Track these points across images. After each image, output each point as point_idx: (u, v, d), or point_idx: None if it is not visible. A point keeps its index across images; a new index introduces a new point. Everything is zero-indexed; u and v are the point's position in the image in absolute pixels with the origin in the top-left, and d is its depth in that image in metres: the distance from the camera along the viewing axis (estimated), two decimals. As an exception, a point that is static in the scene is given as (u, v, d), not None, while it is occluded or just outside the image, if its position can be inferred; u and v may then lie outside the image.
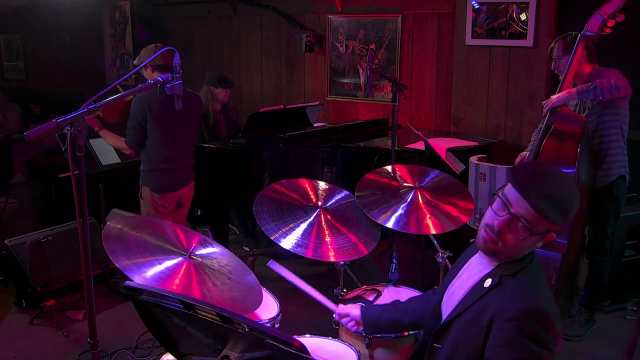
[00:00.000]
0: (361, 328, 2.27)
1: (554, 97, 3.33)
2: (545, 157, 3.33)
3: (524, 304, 1.59)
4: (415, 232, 2.70)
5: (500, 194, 1.67)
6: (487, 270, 1.75)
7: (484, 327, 1.64)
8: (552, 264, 3.29)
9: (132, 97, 3.56)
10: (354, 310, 2.27)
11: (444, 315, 1.86)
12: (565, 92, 3.29)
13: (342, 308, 2.33)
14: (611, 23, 3.19)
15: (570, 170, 3.25)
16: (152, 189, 3.71)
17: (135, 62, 3.72)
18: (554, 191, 1.61)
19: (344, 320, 2.31)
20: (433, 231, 2.71)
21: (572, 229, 3.34)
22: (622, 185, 3.52)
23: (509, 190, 1.65)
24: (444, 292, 1.94)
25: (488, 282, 1.70)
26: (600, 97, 3.21)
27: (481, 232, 1.70)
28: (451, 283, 1.93)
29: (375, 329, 2.22)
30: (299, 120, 5.02)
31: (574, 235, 3.40)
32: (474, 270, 1.83)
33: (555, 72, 3.55)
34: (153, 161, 3.66)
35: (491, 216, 1.68)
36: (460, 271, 1.92)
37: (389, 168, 3.12)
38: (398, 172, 3.07)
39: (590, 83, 3.22)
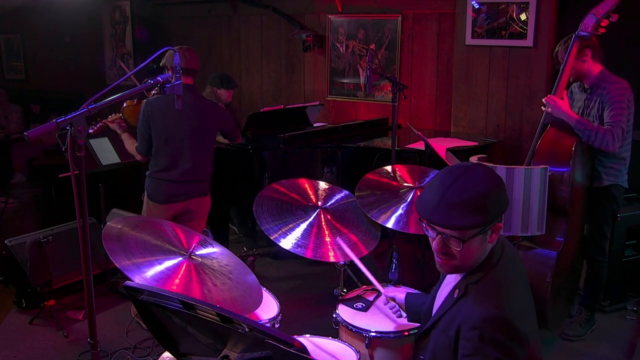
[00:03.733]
0: (404, 314, 2.31)
1: (555, 103, 3.32)
2: (540, 157, 3.34)
3: (483, 312, 1.60)
4: (415, 232, 2.70)
5: (422, 223, 1.72)
6: (457, 281, 1.78)
7: (452, 337, 1.67)
8: (547, 262, 3.30)
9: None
10: (399, 294, 2.31)
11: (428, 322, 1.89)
12: (568, 112, 3.31)
13: (389, 290, 2.36)
14: (605, 23, 3.21)
15: (564, 170, 3.26)
16: (147, 195, 3.61)
17: (165, 62, 3.52)
18: (456, 199, 1.61)
19: (389, 304, 2.35)
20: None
21: (569, 228, 3.35)
22: (619, 188, 3.53)
23: None
24: (436, 294, 1.95)
25: (456, 293, 1.74)
26: (590, 143, 3.28)
27: (435, 260, 1.76)
28: (440, 288, 1.94)
29: (417, 317, 2.20)
30: (299, 120, 5.02)
31: (572, 234, 3.40)
32: (450, 279, 1.87)
33: None
34: (152, 168, 3.55)
35: (431, 242, 1.74)
36: (445, 277, 1.94)
37: (389, 168, 3.12)
38: (398, 172, 3.07)
39: (591, 125, 3.27)
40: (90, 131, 3.64)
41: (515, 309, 1.63)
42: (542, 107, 3.44)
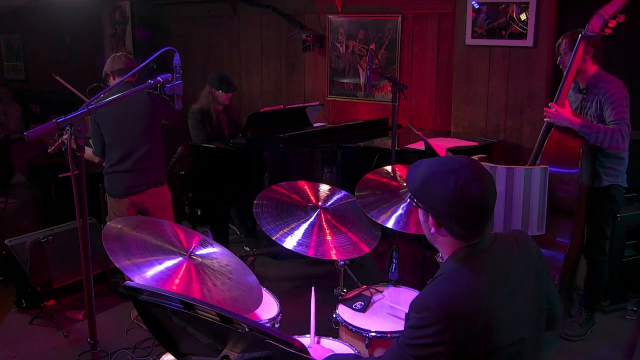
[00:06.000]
0: None
1: (556, 112, 3.31)
2: (547, 158, 3.33)
3: (420, 297, 1.63)
4: (415, 232, 2.70)
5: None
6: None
7: (408, 314, 1.69)
8: (555, 264, 3.29)
9: None
10: None
11: None
12: (570, 118, 3.29)
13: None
14: (612, 23, 3.19)
15: (573, 171, 3.24)
16: (107, 192, 3.78)
17: (105, 69, 3.75)
18: (418, 164, 1.76)
19: None
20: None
21: (574, 229, 3.34)
22: (619, 188, 3.53)
23: None
24: None
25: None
26: (598, 144, 3.26)
27: None
28: None
29: None
30: (299, 120, 5.02)
31: (576, 235, 3.40)
32: None
33: (560, 67, 3.53)
34: (107, 164, 3.70)
35: None
36: None
37: (389, 168, 3.12)
38: (398, 172, 3.07)
39: (597, 126, 3.25)
40: (49, 150, 3.81)
41: (445, 304, 1.57)
42: (544, 119, 3.42)
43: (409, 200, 2.81)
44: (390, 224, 2.70)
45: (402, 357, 1.58)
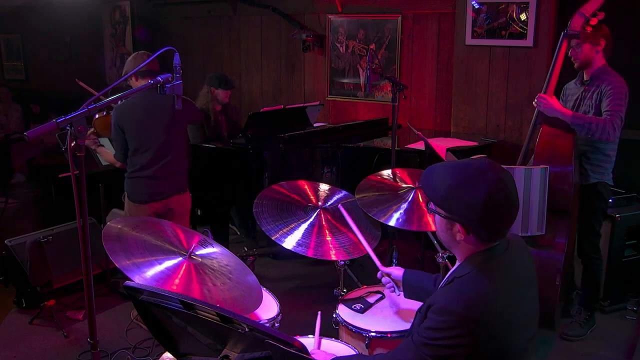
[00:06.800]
0: (399, 290, 2.33)
1: (547, 101, 3.34)
2: (540, 158, 3.33)
3: (447, 301, 1.62)
4: (417, 229, 2.70)
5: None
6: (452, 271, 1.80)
7: (423, 314, 1.69)
8: (555, 264, 3.29)
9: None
10: (396, 271, 2.36)
11: None
12: (561, 110, 3.33)
13: (385, 268, 2.41)
14: (593, 21, 3.25)
15: (567, 169, 3.25)
16: (128, 196, 3.66)
17: (126, 69, 3.62)
18: (438, 169, 1.72)
19: (384, 279, 2.39)
20: (434, 228, 2.70)
21: (569, 228, 3.34)
22: (606, 185, 3.53)
23: None
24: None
25: (444, 281, 1.79)
26: (589, 136, 3.27)
27: None
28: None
29: (413, 293, 2.28)
30: (299, 120, 5.02)
31: (571, 234, 3.40)
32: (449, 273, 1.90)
33: (572, 59, 3.54)
34: (130, 168, 3.59)
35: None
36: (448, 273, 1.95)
37: (388, 172, 3.12)
38: (399, 175, 3.07)
39: (588, 118, 3.27)
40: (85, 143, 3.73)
41: (465, 309, 1.57)
42: (533, 103, 3.46)
43: (409, 201, 2.81)
44: (392, 222, 2.69)
45: (418, 355, 1.60)
